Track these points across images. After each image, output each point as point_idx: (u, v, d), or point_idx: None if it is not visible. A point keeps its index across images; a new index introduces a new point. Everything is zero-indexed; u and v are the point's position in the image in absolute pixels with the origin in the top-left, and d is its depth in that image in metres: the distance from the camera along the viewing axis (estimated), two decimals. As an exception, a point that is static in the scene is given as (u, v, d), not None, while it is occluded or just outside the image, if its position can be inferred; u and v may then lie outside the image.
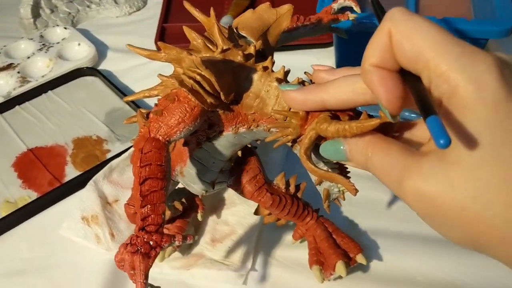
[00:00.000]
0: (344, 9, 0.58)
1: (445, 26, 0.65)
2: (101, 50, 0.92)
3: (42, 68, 0.88)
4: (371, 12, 0.58)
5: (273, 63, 0.43)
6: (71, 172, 0.68)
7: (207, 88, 0.39)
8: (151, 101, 0.79)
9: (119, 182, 0.63)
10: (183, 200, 0.57)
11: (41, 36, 0.94)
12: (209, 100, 0.40)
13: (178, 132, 0.41)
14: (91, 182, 0.61)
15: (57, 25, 0.97)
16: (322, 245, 0.52)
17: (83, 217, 0.59)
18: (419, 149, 0.29)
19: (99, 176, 0.62)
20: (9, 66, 0.87)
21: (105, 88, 0.83)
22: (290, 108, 0.41)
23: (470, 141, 0.24)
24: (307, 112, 0.41)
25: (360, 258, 0.52)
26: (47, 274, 0.57)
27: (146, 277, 0.38)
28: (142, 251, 0.38)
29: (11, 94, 0.81)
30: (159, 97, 0.47)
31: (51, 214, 0.62)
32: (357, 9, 0.56)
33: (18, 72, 0.85)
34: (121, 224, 0.59)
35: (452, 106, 0.25)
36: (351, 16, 0.56)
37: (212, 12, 0.44)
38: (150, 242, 0.39)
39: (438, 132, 0.23)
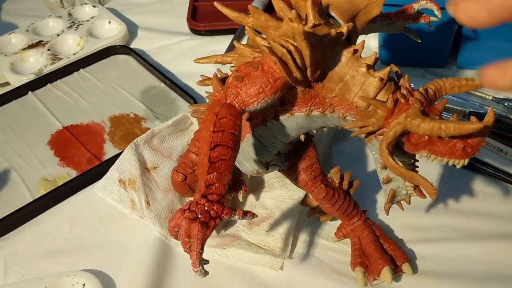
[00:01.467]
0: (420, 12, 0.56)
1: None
2: (131, 29, 0.90)
3: (73, 45, 0.86)
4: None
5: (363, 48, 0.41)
6: (110, 150, 0.66)
7: (298, 60, 0.37)
8: (188, 80, 0.78)
9: (160, 149, 0.60)
10: (228, 177, 0.54)
11: (70, 14, 0.91)
12: (296, 74, 0.38)
13: (256, 102, 0.38)
14: (131, 144, 0.59)
15: (85, 3, 0.95)
16: (368, 248, 0.50)
17: (120, 179, 0.56)
18: None
19: (140, 139, 0.59)
20: (38, 44, 0.84)
21: (139, 67, 0.81)
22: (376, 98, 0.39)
23: None
24: (395, 105, 0.39)
25: (406, 268, 0.49)
26: (90, 253, 0.55)
27: (203, 247, 0.36)
28: (201, 219, 0.36)
29: (42, 71, 0.79)
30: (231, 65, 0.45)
31: (92, 192, 0.59)
32: (438, 13, 0.54)
33: (48, 50, 0.83)
34: (157, 192, 0.57)
35: None
36: (432, 19, 0.54)
37: (302, -15, 0.42)
38: (211, 211, 0.37)
39: None
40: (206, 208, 0.37)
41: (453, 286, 0.50)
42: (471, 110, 0.68)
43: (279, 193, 0.58)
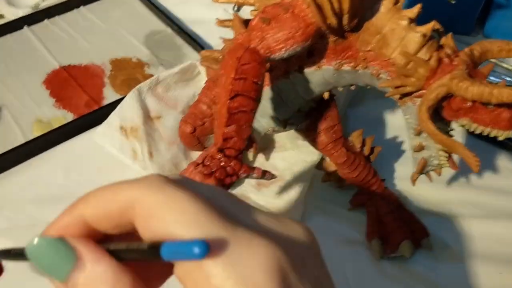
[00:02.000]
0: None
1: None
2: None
3: None
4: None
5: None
6: (109, 95, 0.62)
7: (335, 4, 0.33)
8: (196, 27, 0.73)
9: (164, 98, 0.56)
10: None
11: None
12: (331, 20, 0.34)
13: (283, 49, 0.34)
14: (134, 90, 0.54)
15: None
16: (386, 219, 0.47)
17: (121, 126, 0.52)
18: None
19: (143, 85, 0.55)
20: None
21: (144, 9, 0.76)
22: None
23: None
24: (439, 64, 0.35)
25: (426, 243, 0.46)
26: None
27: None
28: (216, 175, 0.33)
29: (40, 5, 0.74)
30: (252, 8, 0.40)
31: (89, 138, 0.55)
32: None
33: None
34: (161, 144, 0.53)
35: None
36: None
37: None
38: (227, 168, 0.33)
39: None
40: (222, 163, 0.33)
41: (470, 264, 0.47)
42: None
43: (291, 155, 0.54)
